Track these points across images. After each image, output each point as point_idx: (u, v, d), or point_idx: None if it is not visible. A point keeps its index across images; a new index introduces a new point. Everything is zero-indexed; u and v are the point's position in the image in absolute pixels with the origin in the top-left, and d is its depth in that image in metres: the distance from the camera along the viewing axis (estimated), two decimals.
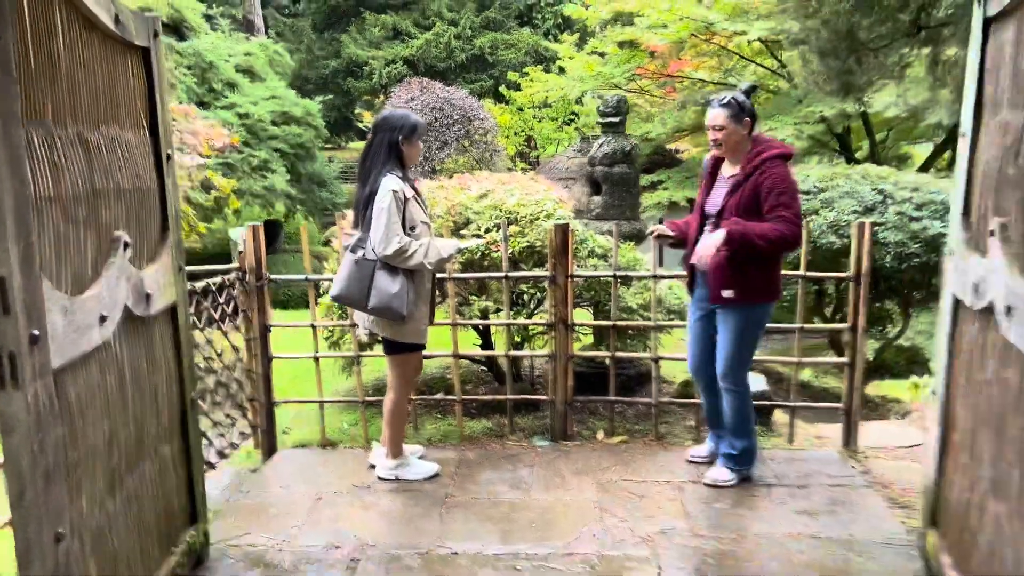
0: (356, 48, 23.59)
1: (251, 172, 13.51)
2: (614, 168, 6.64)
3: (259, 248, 4.21)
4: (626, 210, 6.56)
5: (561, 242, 4.11)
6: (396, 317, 3.46)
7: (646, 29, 12.77)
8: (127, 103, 2.61)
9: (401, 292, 3.45)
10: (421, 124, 3.63)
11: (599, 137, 6.88)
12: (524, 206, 4.54)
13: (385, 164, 3.51)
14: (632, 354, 4.46)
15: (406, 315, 3.47)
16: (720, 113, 3.44)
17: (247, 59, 15.26)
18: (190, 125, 8.63)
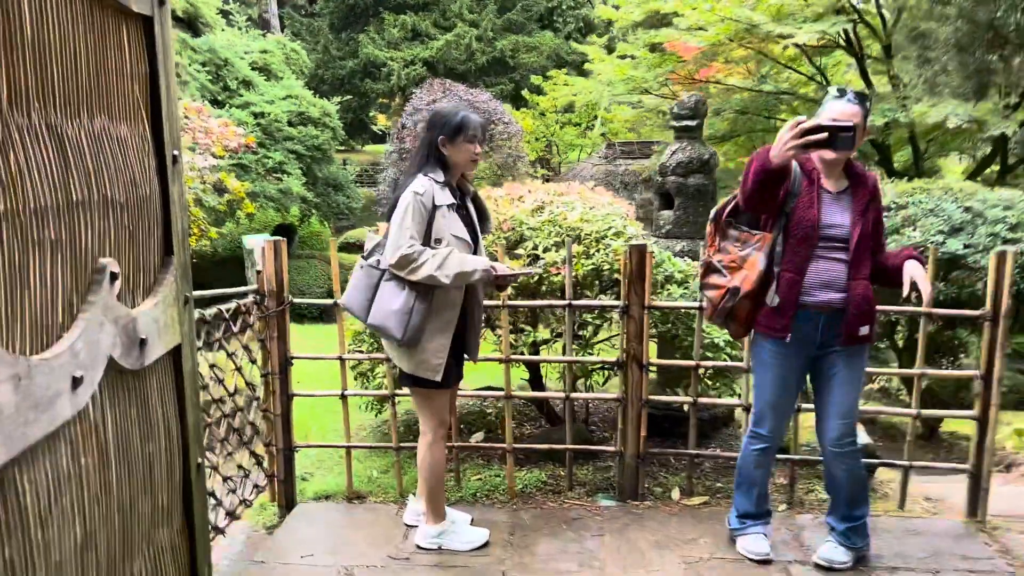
0: (374, 48, 23.03)
1: (265, 174, 12.94)
2: (689, 179, 5.92)
3: (280, 266, 3.58)
4: (702, 228, 5.84)
5: (637, 266, 3.47)
6: (391, 339, 2.98)
7: (683, 31, 12.12)
8: (120, 87, 1.98)
9: (402, 310, 2.92)
10: (470, 123, 3.03)
11: (673, 143, 6.14)
12: (588, 222, 3.90)
13: (422, 166, 3.03)
14: (720, 400, 3.81)
15: (402, 339, 2.92)
16: (858, 110, 2.80)
17: (263, 57, 14.70)
18: (203, 123, 8.04)
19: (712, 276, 2.99)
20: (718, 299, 2.96)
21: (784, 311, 2.90)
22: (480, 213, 3.23)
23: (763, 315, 2.95)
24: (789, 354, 2.97)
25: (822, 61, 13.81)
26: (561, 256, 3.77)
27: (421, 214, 2.93)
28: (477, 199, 3.23)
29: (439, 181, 3.02)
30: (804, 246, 2.88)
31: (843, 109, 2.81)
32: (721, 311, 2.97)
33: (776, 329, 2.93)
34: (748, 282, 2.90)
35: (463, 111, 3.07)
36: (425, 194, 2.94)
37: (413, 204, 2.92)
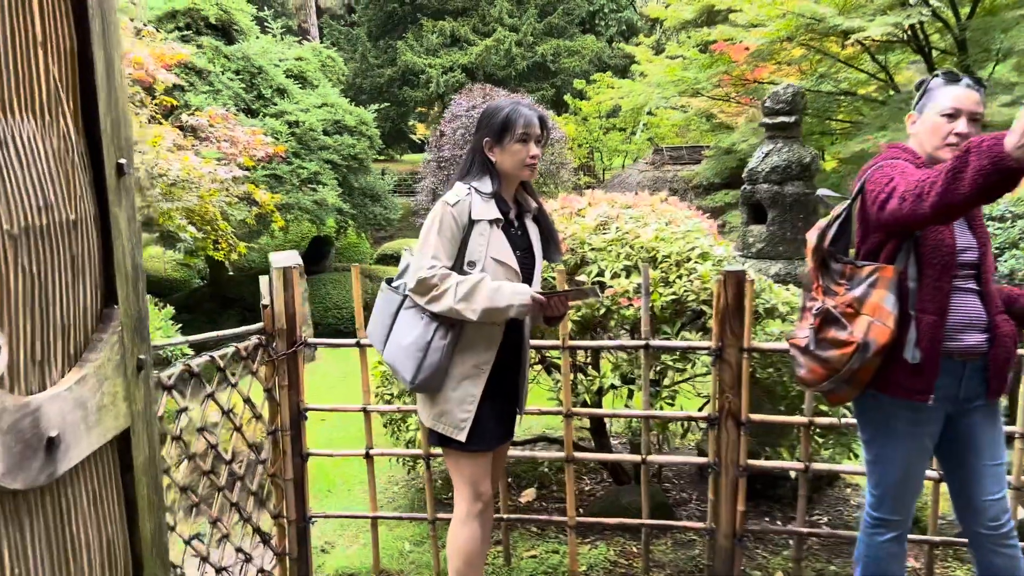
0: (412, 56, 22.57)
1: (300, 185, 12.45)
2: (785, 187, 5.07)
3: (292, 299, 2.93)
4: (801, 246, 4.98)
5: (734, 298, 2.75)
6: (402, 381, 2.38)
7: (740, 28, 11.34)
8: (23, 65, 1.34)
9: (416, 346, 2.33)
10: (520, 118, 2.38)
11: (763, 144, 5.29)
12: (666, 241, 3.19)
13: (465, 174, 2.45)
14: (839, 467, 3.05)
15: (412, 381, 2.33)
16: (979, 98, 2.20)
17: (298, 64, 14.24)
18: (229, 132, 7.51)
19: (831, 329, 2.21)
20: (842, 361, 2.20)
21: (927, 366, 2.16)
22: (545, 234, 2.56)
23: (895, 373, 2.21)
24: (928, 419, 2.23)
25: (886, 58, 12.90)
26: (633, 284, 3.07)
27: (452, 229, 2.32)
28: (542, 217, 2.56)
29: (484, 192, 2.37)
30: (944, 278, 2.16)
31: (965, 96, 2.17)
32: (844, 375, 2.22)
33: (916, 390, 2.19)
34: (882, 333, 2.16)
35: (512, 104, 2.41)
36: (459, 205, 2.32)
37: (442, 217, 2.32)
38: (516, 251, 2.42)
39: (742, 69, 13.41)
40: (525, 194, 2.54)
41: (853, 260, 2.24)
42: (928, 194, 1.94)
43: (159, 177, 6.16)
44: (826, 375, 2.24)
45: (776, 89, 5.15)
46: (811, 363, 2.27)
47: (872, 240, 2.25)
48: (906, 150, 2.30)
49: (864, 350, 2.16)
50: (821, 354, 2.24)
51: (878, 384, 2.23)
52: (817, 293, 2.30)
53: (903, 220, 2.06)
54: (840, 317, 2.20)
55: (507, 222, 2.44)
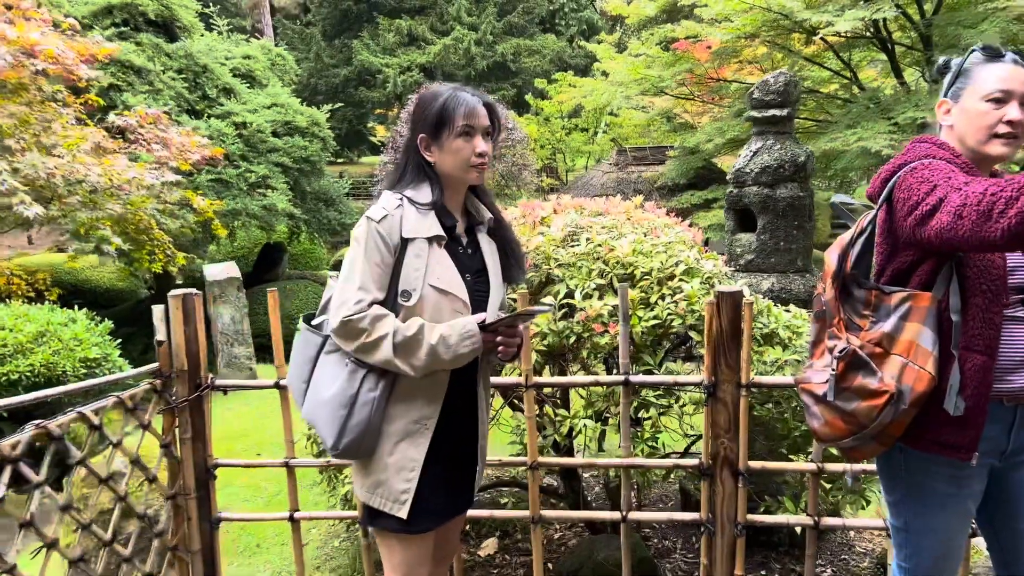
0: (368, 55, 21.95)
1: (248, 190, 11.79)
2: (778, 190, 4.46)
3: (194, 333, 2.40)
4: (797, 257, 4.35)
5: (730, 324, 2.29)
6: (324, 444, 1.87)
7: (705, 24, 10.98)
8: None
9: (338, 402, 1.84)
10: (459, 106, 1.89)
11: (751, 141, 4.69)
12: (646, 256, 2.72)
13: (396, 181, 1.96)
14: (853, 522, 2.59)
15: (335, 445, 1.83)
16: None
17: (246, 63, 13.57)
18: (161, 133, 6.89)
19: (857, 376, 1.74)
20: (871, 415, 1.74)
21: (972, 418, 1.72)
22: (504, 250, 2.07)
23: (932, 426, 1.76)
24: (971, 478, 1.79)
25: (850, 55, 12.70)
26: (608, 307, 2.59)
27: (380, 252, 1.83)
28: (501, 229, 2.07)
29: (420, 202, 1.88)
30: (995, 307, 1.70)
31: (1014, 74, 1.74)
32: (872, 431, 1.76)
33: (958, 447, 1.74)
34: (920, 379, 1.70)
35: (450, 91, 1.92)
36: (387, 221, 1.84)
37: (367, 237, 1.83)
38: (465, 275, 1.93)
39: (706, 67, 13.10)
40: (477, 202, 2.05)
41: (879, 285, 1.79)
42: (1005, 213, 1.47)
43: (77, 184, 5.55)
44: (849, 431, 1.78)
45: (766, 78, 4.66)
46: (831, 415, 1.81)
47: (901, 259, 1.79)
48: (942, 146, 1.83)
49: (898, 401, 1.70)
50: (844, 406, 1.77)
51: (910, 438, 1.78)
52: (839, 329, 1.84)
53: (957, 242, 1.58)
54: (868, 361, 1.74)
55: (452, 239, 1.95)
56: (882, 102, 10.21)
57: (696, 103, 15.13)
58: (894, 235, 1.79)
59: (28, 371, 6.54)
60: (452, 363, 1.84)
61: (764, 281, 4.12)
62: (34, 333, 6.90)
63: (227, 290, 6.47)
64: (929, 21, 10.37)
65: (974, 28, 9.40)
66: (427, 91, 1.98)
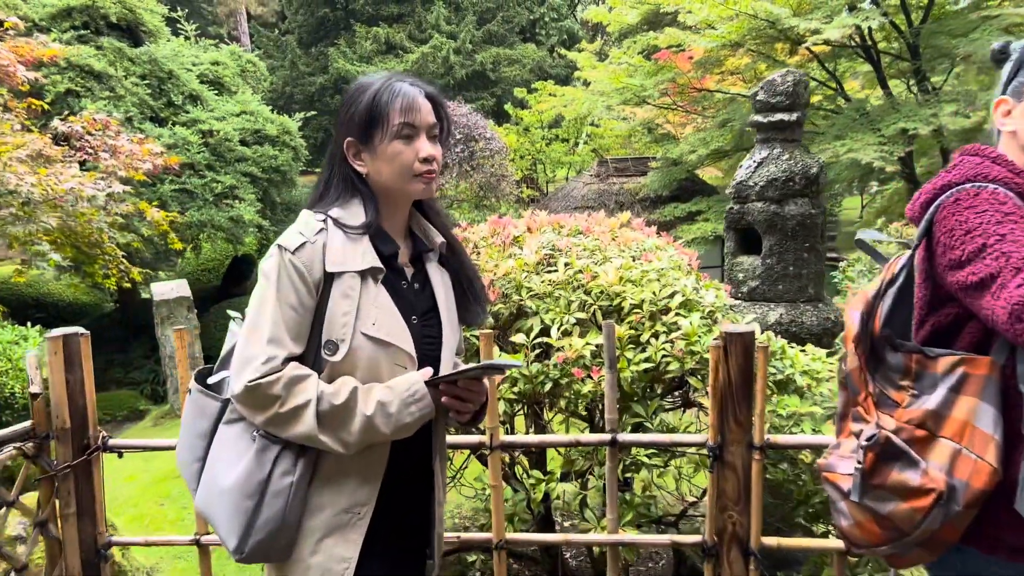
0: (345, 63, 21.51)
1: (214, 200, 11.29)
2: (786, 206, 3.85)
3: (79, 383, 1.94)
4: (808, 283, 3.80)
5: (740, 372, 1.86)
6: (224, 546, 1.44)
7: (688, 31, 10.64)
8: None
9: (243, 492, 1.41)
10: (393, 98, 1.46)
11: (755, 150, 4.16)
12: (635, 284, 2.29)
13: (318, 200, 1.54)
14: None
15: (238, 549, 1.40)
16: None
17: (215, 69, 13.09)
18: (110, 141, 6.40)
19: (892, 469, 1.32)
20: (913, 519, 1.31)
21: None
22: (461, 283, 1.65)
23: (996, 525, 1.32)
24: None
25: (835, 65, 12.45)
26: (591, 346, 2.16)
27: (297, 292, 1.40)
28: (455, 256, 1.64)
29: (349, 225, 1.46)
30: None
31: None
32: (917, 538, 1.33)
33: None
34: (978, 473, 1.26)
35: (384, 80, 1.49)
36: (304, 251, 1.41)
37: (279, 273, 1.40)
38: (411, 317, 1.50)
39: (688, 77, 12.79)
40: (425, 223, 1.61)
41: (920, 347, 1.35)
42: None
43: (9, 195, 5.05)
44: (887, 537, 1.35)
45: (772, 78, 4.20)
46: (862, 516, 1.38)
47: (946, 312, 1.36)
48: (998, 160, 1.40)
49: (949, 501, 1.27)
50: (877, 507, 1.34)
51: (970, 537, 1.35)
52: (867, 409, 1.42)
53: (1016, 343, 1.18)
54: (907, 449, 1.31)
55: (393, 271, 1.51)
56: (869, 113, 9.90)
57: (678, 113, 14.86)
58: (933, 282, 1.36)
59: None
60: (394, 435, 1.41)
61: (771, 312, 3.65)
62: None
63: (176, 311, 6.00)
64: (917, 30, 10.11)
65: (965, 37, 9.13)
66: (355, 83, 1.55)
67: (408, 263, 1.56)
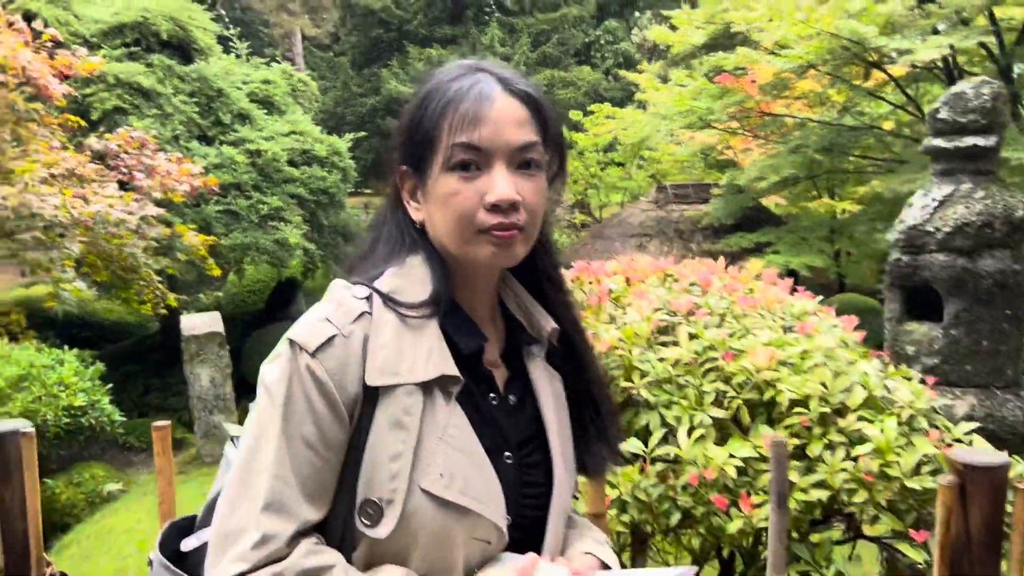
0: (397, 84, 21.28)
1: (260, 222, 10.93)
2: (980, 260, 2.96)
3: (16, 500, 1.36)
4: (1006, 363, 2.83)
5: (986, 525, 1.21)
6: None
7: (763, 52, 9.97)
8: None
9: None
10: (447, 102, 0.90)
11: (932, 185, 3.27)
12: (796, 371, 1.64)
13: (364, 256, 0.98)
14: None
15: None
16: None
17: (265, 88, 12.82)
18: (148, 160, 5.98)
19: None
20: None
21: None
22: (580, 400, 1.04)
23: None
24: None
25: (917, 89, 11.67)
26: (737, 460, 1.52)
27: (317, 421, 0.82)
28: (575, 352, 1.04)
29: (406, 304, 0.86)
30: None
31: None
32: None
33: None
34: None
35: (445, 72, 0.90)
36: (330, 353, 0.84)
37: (288, 390, 0.83)
38: (504, 453, 0.89)
39: (757, 100, 12.10)
40: (528, 297, 1.02)
41: None
42: None
43: (31, 217, 4.62)
44: None
45: (961, 89, 3.35)
46: None
47: None
48: None
49: None
50: None
51: None
52: None
53: None
54: None
55: (476, 378, 0.92)
56: None
57: (741, 138, 14.15)
58: None
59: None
60: None
61: (958, 403, 2.82)
62: (14, 377, 5.98)
63: (207, 347, 5.52)
64: (1011, 52, 9.31)
65: None
66: (424, 75, 0.97)
67: (499, 362, 0.96)
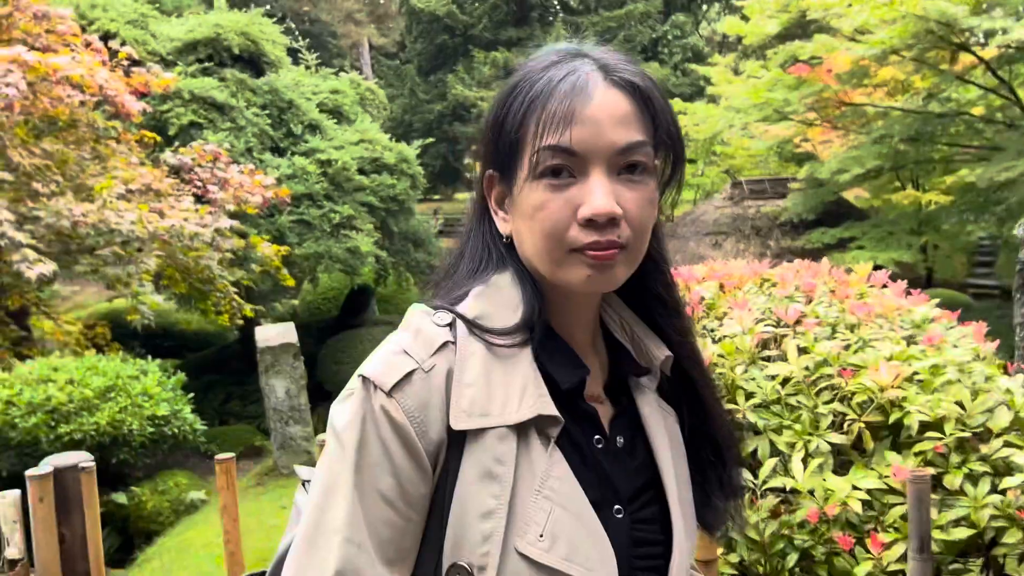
0: (463, 89, 21.33)
1: (332, 231, 11.03)
2: None
3: (77, 540, 1.27)
4: None
5: None
6: None
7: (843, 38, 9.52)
8: None
9: None
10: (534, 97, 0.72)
11: None
12: (925, 389, 1.43)
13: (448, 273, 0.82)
14: None
15: None
16: None
17: (334, 98, 12.95)
18: (220, 173, 6.04)
19: None
20: None
21: None
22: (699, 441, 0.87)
23: None
24: None
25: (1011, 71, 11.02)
26: (860, 494, 1.32)
27: (396, 473, 0.67)
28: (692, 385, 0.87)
29: (496, 331, 0.72)
30: None
31: None
32: None
33: None
34: None
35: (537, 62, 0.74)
36: (408, 391, 0.70)
37: (359, 438, 0.68)
38: (614, 506, 0.74)
39: (834, 90, 11.57)
40: (636, 321, 0.86)
41: None
42: None
43: (109, 233, 4.68)
44: None
45: None
46: None
47: None
48: None
49: None
50: None
51: None
52: None
53: None
54: None
55: (577, 417, 0.76)
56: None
57: (819, 130, 13.60)
58: None
59: (93, 430, 5.82)
60: None
61: None
62: (102, 388, 6.14)
63: (281, 358, 5.52)
64: None
65: None
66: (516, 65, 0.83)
67: (603, 397, 0.80)
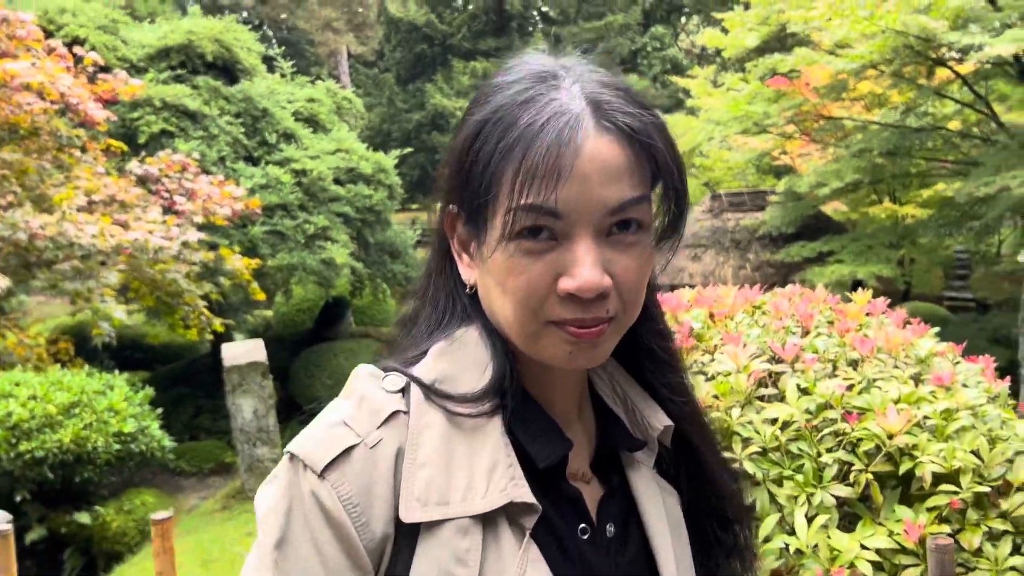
0: (442, 98, 21.22)
1: (306, 242, 10.83)
2: None
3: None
4: None
5: None
6: None
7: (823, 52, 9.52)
8: None
9: None
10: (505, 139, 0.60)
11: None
12: (938, 436, 1.30)
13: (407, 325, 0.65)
14: None
15: None
16: None
17: (310, 106, 12.76)
18: (188, 184, 5.85)
19: None
20: None
21: None
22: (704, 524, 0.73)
23: None
24: None
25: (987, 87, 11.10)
26: (869, 553, 1.19)
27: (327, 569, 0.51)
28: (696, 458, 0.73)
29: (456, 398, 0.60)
30: None
31: None
32: None
33: None
34: None
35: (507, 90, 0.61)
36: (345, 473, 0.54)
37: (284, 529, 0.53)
38: None
39: (814, 103, 11.60)
40: (631, 382, 0.72)
41: None
42: None
43: (68, 247, 4.48)
44: None
45: None
46: None
47: None
48: None
49: None
50: None
51: None
52: None
53: None
54: None
55: (558, 501, 0.62)
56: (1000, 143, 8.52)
57: (797, 143, 13.65)
58: None
59: (56, 448, 5.57)
60: None
61: None
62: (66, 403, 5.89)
63: (248, 377, 5.33)
64: None
65: None
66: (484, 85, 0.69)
67: (589, 474, 0.66)
